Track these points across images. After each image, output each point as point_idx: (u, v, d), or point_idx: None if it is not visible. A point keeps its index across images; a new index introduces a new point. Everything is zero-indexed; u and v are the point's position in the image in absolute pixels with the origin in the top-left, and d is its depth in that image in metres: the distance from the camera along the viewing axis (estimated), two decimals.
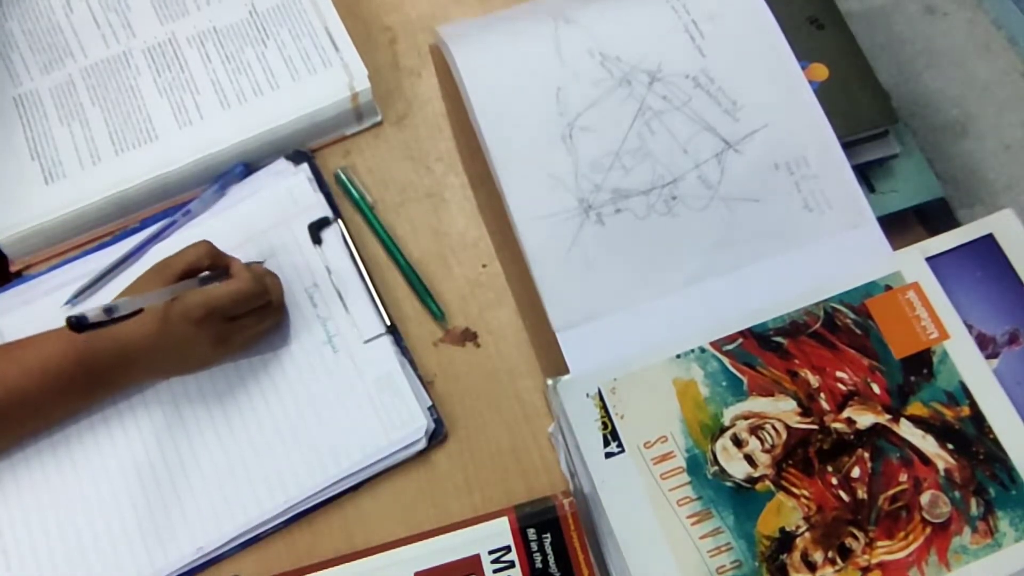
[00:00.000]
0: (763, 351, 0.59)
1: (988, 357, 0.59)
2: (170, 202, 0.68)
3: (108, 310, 0.50)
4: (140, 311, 0.52)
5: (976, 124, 0.71)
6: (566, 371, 0.60)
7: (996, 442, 0.56)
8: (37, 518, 0.60)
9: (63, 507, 0.60)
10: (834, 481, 0.56)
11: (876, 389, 0.58)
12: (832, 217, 0.63)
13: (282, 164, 0.69)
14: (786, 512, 0.55)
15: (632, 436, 0.57)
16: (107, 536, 0.59)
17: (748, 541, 0.54)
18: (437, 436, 0.62)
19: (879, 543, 0.54)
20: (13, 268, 0.68)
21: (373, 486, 0.61)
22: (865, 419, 0.57)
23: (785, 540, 0.54)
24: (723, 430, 0.57)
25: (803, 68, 0.66)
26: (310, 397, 0.63)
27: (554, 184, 0.63)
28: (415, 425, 0.61)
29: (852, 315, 0.60)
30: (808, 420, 0.57)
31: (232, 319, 0.59)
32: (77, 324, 0.48)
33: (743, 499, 0.55)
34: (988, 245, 0.62)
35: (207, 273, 0.60)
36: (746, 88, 0.65)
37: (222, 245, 0.66)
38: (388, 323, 0.64)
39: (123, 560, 0.59)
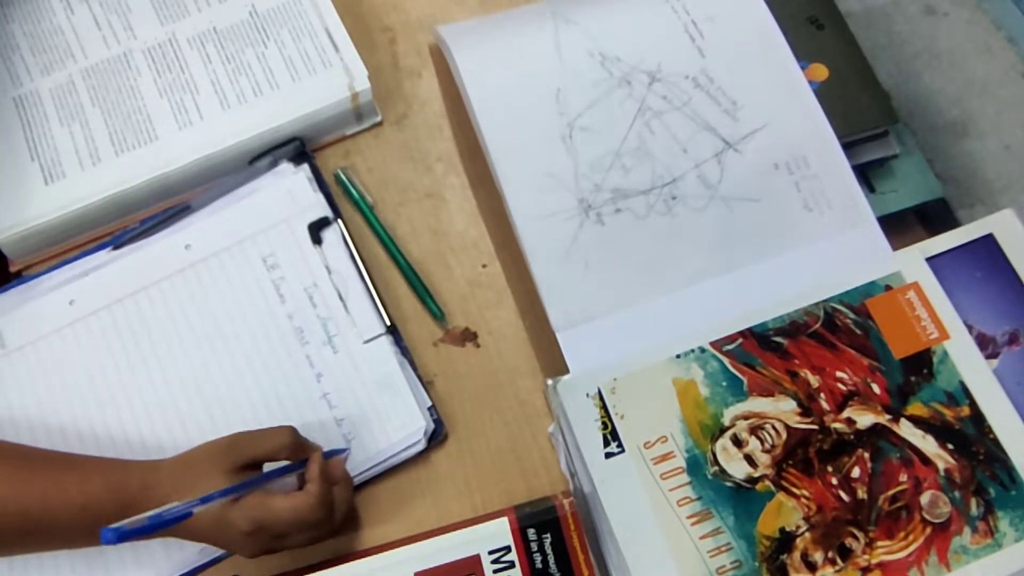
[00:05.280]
0: (763, 351, 0.59)
1: (988, 357, 0.59)
2: (170, 202, 0.68)
3: (154, 520, 0.47)
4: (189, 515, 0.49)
5: (976, 124, 0.71)
6: (566, 371, 0.60)
7: (996, 442, 0.56)
8: None
9: None
10: (834, 481, 0.56)
11: (876, 389, 0.58)
12: (832, 217, 0.63)
13: (282, 164, 0.69)
14: (786, 512, 0.55)
15: (632, 436, 0.57)
16: None
17: (748, 541, 0.54)
18: (437, 436, 0.62)
19: (879, 543, 0.54)
20: (13, 268, 0.68)
21: (373, 486, 0.61)
22: (865, 419, 0.57)
23: (785, 540, 0.54)
24: (723, 430, 0.57)
25: (803, 68, 0.66)
26: (310, 398, 0.63)
27: (554, 184, 0.63)
28: (415, 426, 0.61)
29: (852, 315, 0.60)
30: (808, 420, 0.57)
31: (283, 535, 0.53)
32: (116, 538, 0.45)
33: (743, 499, 0.55)
34: (988, 245, 0.61)
35: (281, 467, 0.55)
36: (746, 88, 0.65)
37: (221, 245, 0.66)
38: (388, 323, 0.64)
39: (125, 560, 0.59)
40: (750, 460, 0.56)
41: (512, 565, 0.55)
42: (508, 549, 0.55)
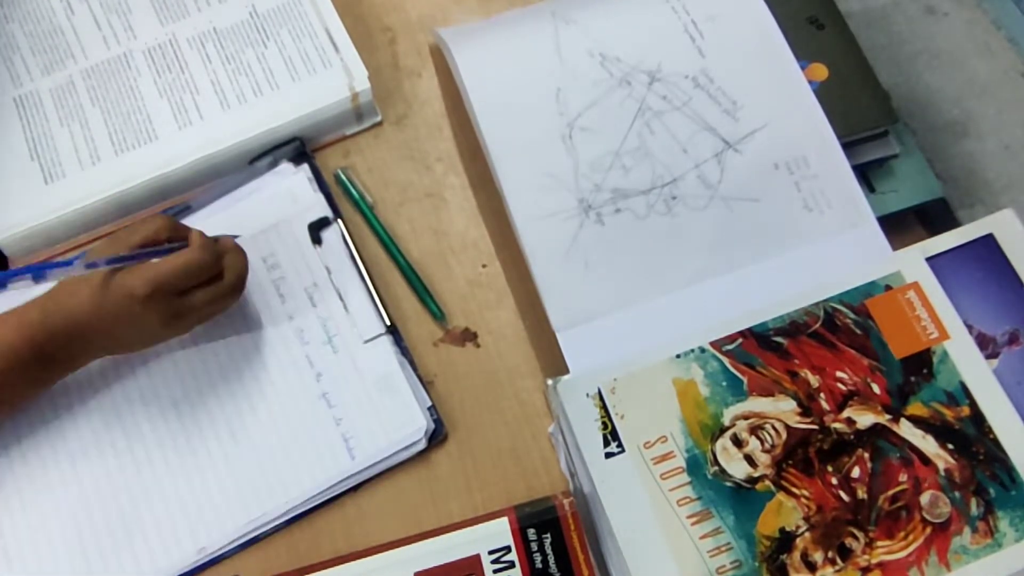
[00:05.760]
0: (763, 351, 0.59)
1: (988, 357, 0.59)
2: (170, 202, 0.68)
3: (33, 267, 0.49)
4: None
5: (976, 124, 0.71)
6: (566, 371, 0.60)
7: (996, 442, 0.56)
8: (37, 515, 0.60)
9: (64, 505, 0.60)
10: (834, 481, 0.56)
11: (876, 389, 0.58)
12: (832, 217, 0.63)
13: (282, 164, 0.69)
14: (786, 512, 0.55)
15: (632, 436, 0.57)
16: (109, 536, 0.59)
17: (748, 541, 0.54)
18: (437, 436, 0.62)
19: (879, 543, 0.54)
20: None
21: (373, 486, 0.61)
22: (865, 419, 0.57)
23: (785, 540, 0.54)
24: (723, 430, 0.57)
25: (803, 68, 0.66)
26: (310, 398, 0.63)
27: (554, 184, 0.63)
28: (415, 426, 0.61)
29: (852, 315, 0.60)
30: (808, 420, 0.57)
31: (182, 294, 0.56)
32: None
33: (743, 499, 0.55)
34: (988, 245, 0.62)
35: (165, 246, 0.57)
36: (746, 88, 0.65)
37: None
38: (388, 323, 0.64)
39: (124, 560, 0.59)
40: (750, 460, 0.56)
41: (512, 565, 0.55)
42: (508, 549, 0.55)
